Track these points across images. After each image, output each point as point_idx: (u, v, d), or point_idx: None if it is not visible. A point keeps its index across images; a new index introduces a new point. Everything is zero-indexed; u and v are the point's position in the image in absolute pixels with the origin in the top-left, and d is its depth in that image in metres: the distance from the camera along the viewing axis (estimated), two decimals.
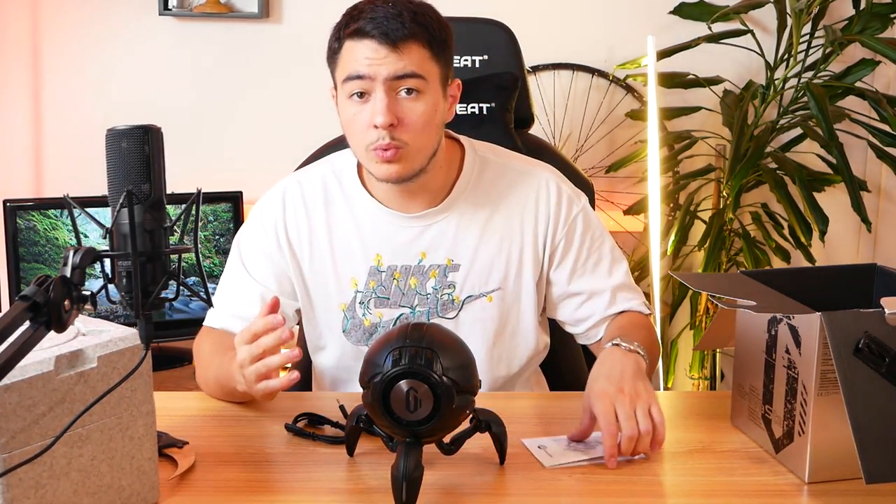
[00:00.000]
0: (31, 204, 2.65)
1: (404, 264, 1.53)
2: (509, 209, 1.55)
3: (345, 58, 1.43)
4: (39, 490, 1.00)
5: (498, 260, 1.54)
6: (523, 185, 1.56)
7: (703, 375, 2.87)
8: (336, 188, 1.56)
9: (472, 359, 1.18)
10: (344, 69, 1.43)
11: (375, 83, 1.40)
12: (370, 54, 1.40)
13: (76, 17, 2.91)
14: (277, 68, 2.93)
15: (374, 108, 1.40)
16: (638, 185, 2.86)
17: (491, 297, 1.54)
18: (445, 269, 1.53)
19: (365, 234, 1.54)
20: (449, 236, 1.53)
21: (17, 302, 0.95)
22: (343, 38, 1.43)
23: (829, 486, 1.21)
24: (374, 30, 1.40)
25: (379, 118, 1.40)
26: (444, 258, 1.53)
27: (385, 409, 1.13)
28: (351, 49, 1.42)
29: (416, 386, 1.12)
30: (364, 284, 1.54)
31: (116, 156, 1.05)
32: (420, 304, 1.54)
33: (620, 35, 2.91)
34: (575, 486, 1.21)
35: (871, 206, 2.90)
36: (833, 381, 1.17)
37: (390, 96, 1.40)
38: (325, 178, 1.58)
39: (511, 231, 1.55)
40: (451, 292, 1.54)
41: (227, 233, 2.78)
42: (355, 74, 1.41)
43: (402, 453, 1.13)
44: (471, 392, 1.16)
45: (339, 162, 1.59)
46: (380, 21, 1.40)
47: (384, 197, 1.53)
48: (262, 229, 1.57)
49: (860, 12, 2.67)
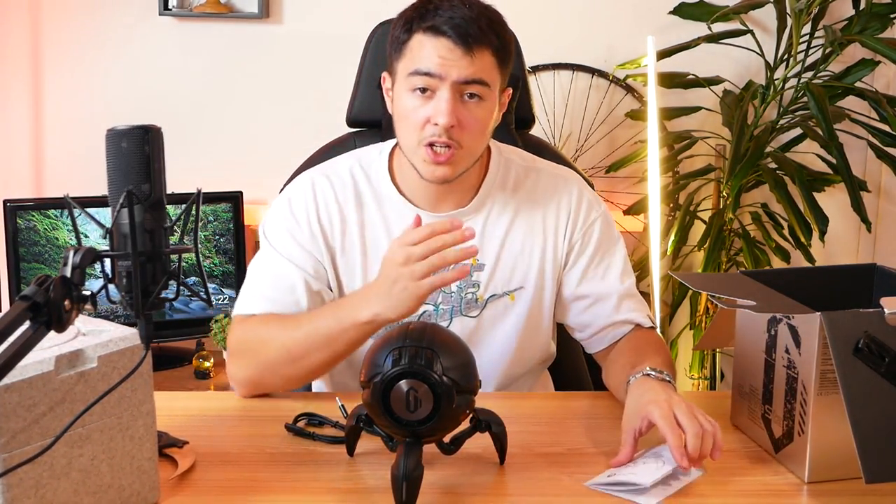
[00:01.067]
0: (31, 204, 2.65)
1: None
2: (533, 210, 1.56)
3: (415, 51, 1.42)
4: (39, 490, 1.00)
5: (521, 259, 1.55)
6: (547, 186, 1.58)
7: (702, 375, 2.87)
8: (365, 183, 1.56)
9: (472, 359, 1.18)
10: (412, 62, 1.42)
11: (443, 83, 1.40)
12: (445, 53, 1.40)
13: (76, 18, 2.91)
14: (277, 68, 2.93)
15: (437, 107, 1.40)
16: (638, 185, 2.86)
17: (513, 296, 1.55)
18: (471, 269, 1.54)
19: (393, 231, 1.53)
20: (475, 236, 1.53)
21: (17, 302, 0.95)
22: (414, 29, 1.42)
23: (828, 486, 1.21)
24: (452, 30, 1.39)
25: (443, 118, 1.40)
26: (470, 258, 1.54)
27: (385, 409, 1.13)
28: (423, 44, 1.41)
29: (416, 386, 1.12)
30: None
31: (116, 156, 1.05)
32: (444, 302, 1.54)
33: (620, 35, 2.92)
34: (572, 486, 1.21)
35: (871, 206, 2.90)
36: (833, 381, 1.17)
37: (455, 98, 1.41)
38: (353, 172, 1.57)
39: (534, 231, 1.56)
40: (475, 291, 1.54)
41: (227, 233, 2.78)
42: (424, 70, 1.40)
43: (402, 453, 1.13)
44: (471, 392, 1.16)
45: (367, 157, 1.58)
46: (458, 22, 1.39)
47: (414, 195, 1.53)
48: (294, 220, 1.53)
49: (860, 12, 2.67)
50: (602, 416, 1.43)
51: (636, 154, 2.86)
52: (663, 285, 2.78)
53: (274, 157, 2.87)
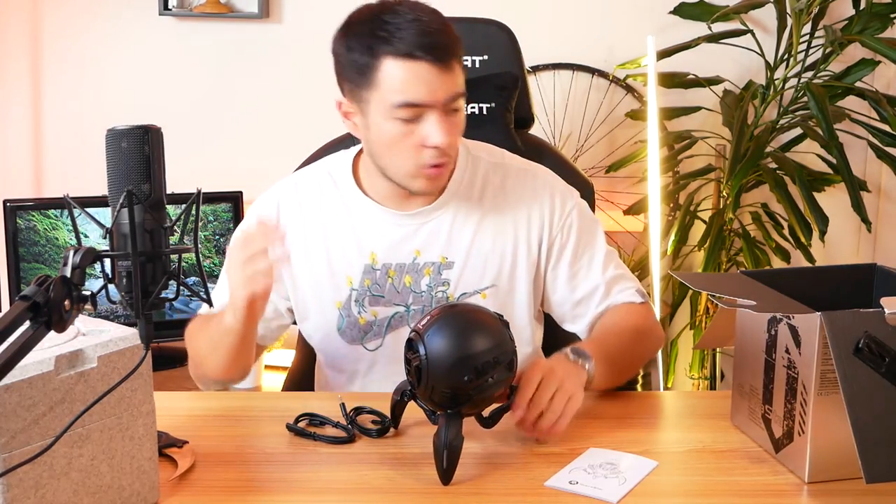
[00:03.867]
0: (31, 204, 2.65)
1: (399, 262, 1.53)
2: (502, 206, 1.55)
3: (390, 80, 1.36)
4: (39, 490, 1.00)
5: (492, 256, 1.54)
6: (516, 182, 1.56)
7: (703, 375, 2.87)
8: (331, 188, 1.56)
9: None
10: (392, 93, 1.37)
11: (432, 107, 1.38)
12: (428, 78, 1.36)
13: (76, 17, 2.91)
14: (277, 68, 2.93)
15: (430, 131, 1.38)
16: (638, 185, 2.85)
17: (485, 294, 1.54)
18: (440, 267, 1.53)
19: (360, 233, 1.53)
20: (443, 234, 1.53)
21: (17, 302, 0.95)
22: (380, 54, 1.36)
23: (829, 486, 1.21)
24: (425, 51, 1.35)
25: (443, 140, 1.38)
26: (438, 256, 1.53)
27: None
28: (399, 71, 1.35)
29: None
30: (359, 282, 1.54)
31: (116, 156, 1.05)
32: (414, 303, 1.54)
33: (620, 35, 2.91)
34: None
35: (871, 206, 2.90)
36: (833, 380, 1.17)
37: (443, 116, 1.39)
38: (320, 178, 1.58)
39: (504, 228, 1.54)
40: (445, 290, 1.54)
41: (227, 233, 2.78)
42: (412, 102, 1.36)
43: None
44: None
45: (335, 163, 1.59)
46: (428, 41, 1.35)
47: (381, 196, 1.53)
48: (251, 232, 1.54)
49: (860, 12, 2.67)
50: (602, 416, 1.43)
51: (636, 154, 2.85)
52: (663, 285, 2.78)
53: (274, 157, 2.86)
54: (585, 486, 1.19)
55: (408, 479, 1.22)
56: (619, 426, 1.39)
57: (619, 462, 1.25)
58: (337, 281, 1.54)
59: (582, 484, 1.20)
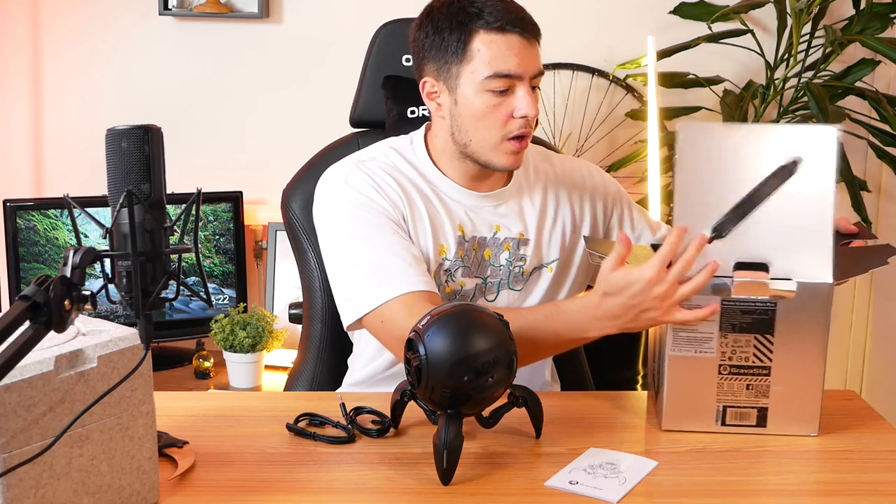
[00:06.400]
0: (31, 204, 2.65)
1: (482, 235, 1.58)
2: (558, 187, 1.65)
3: (485, 52, 1.44)
4: (39, 490, 1.00)
5: (555, 232, 1.63)
6: (563, 167, 1.68)
7: None
8: (407, 166, 1.58)
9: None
10: (486, 65, 1.44)
11: (522, 79, 1.45)
12: (520, 50, 1.44)
13: (76, 17, 2.91)
14: (277, 68, 2.93)
15: (519, 103, 1.45)
16: (638, 185, 2.85)
17: (551, 268, 1.62)
18: (518, 243, 1.59)
19: (449, 205, 1.57)
20: (517, 212, 1.60)
21: (17, 302, 0.95)
22: (473, 29, 1.44)
23: (830, 487, 1.22)
24: (516, 25, 1.43)
25: (531, 111, 1.45)
26: (516, 232, 1.59)
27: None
28: (492, 42, 1.44)
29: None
30: (453, 253, 1.56)
31: (116, 156, 1.05)
32: (492, 276, 1.58)
33: (620, 35, 2.91)
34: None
35: (872, 205, 2.90)
36: (684, 339, 1.32)
37: (529, 90, 1.46)
38: (390, 157, 1.58)
39: (561, 205, 1.64)
40: (521, 265, 1.60)
41: (227, 233, 2.78)
42: (505, 72, 1.44)
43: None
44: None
45: (401, 146, 1.60)
46: (515, 16, 1.44)
47: (458, 178, 1.57)
48: (369, 203, 1.51)
49: (860, 12, 2.67)
50: (602, 416, 1.43)
51: (636, 154, 2.85)
52: None
53: (274, 157, 2.88)
54: (585, 486, 1.19)
55: (408, 479, 1.22)
56: (619, 426, 1.39)
57: (619, 462, 1.26)
58: (435, 250, 1.55)
59: (582, 484, 1.20)
